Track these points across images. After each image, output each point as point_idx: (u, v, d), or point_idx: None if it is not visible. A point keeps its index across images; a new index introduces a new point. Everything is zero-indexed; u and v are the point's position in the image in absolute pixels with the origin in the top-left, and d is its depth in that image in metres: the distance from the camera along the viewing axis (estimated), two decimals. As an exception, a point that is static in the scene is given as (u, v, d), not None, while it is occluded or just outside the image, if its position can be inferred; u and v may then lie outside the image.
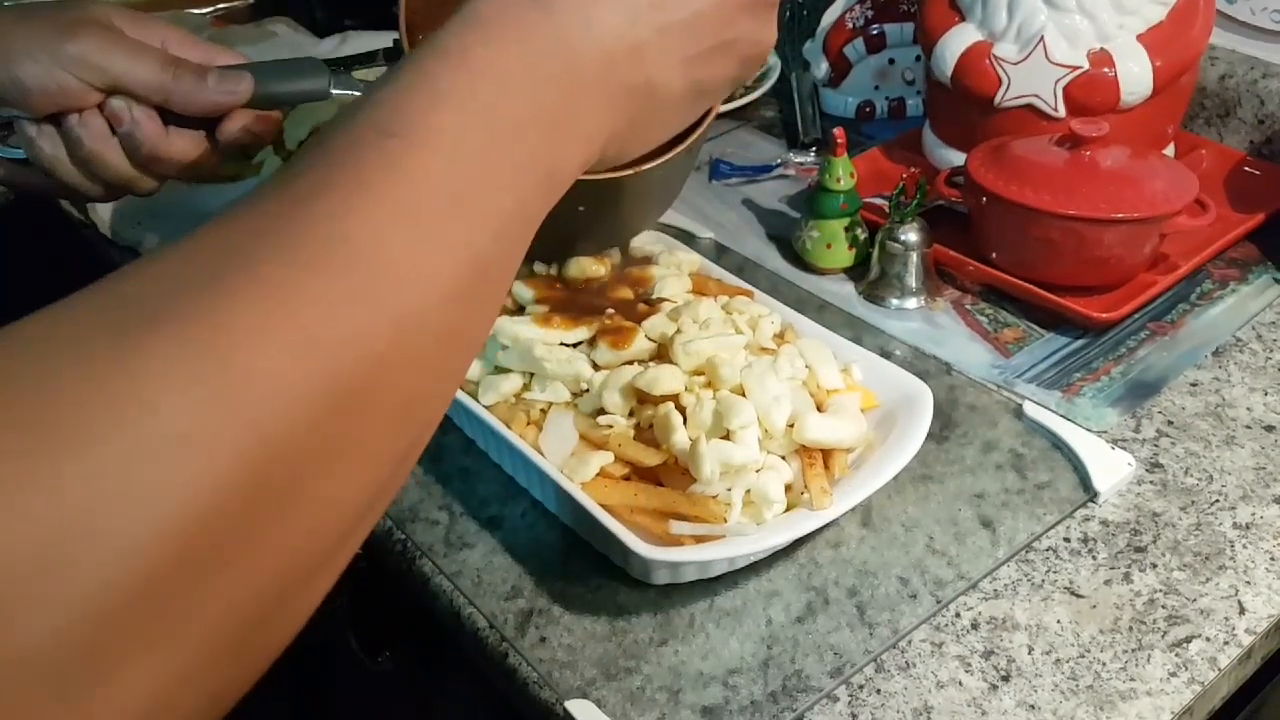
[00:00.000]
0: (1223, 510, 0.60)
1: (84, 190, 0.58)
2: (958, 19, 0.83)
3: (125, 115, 0.55)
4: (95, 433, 0.21)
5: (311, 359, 0.25)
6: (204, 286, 0.24)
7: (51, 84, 0.53)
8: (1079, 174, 0.72)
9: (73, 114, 0.55)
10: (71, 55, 0.53)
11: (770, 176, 0.94)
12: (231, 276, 0.25)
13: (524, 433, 0.60)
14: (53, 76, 0.53)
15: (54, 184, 0.58)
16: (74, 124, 0.55)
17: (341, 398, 0.25)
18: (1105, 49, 0.78)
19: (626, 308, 0.65)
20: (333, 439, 0.25)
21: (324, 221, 0.27)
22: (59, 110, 0.55)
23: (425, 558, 0.60)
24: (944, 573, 0.57)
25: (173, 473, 0.21)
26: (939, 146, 0.88)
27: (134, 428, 0.21)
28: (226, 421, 0.22)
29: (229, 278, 0.25)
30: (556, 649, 0.54)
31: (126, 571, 0.20)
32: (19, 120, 0.56)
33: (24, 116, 0.55)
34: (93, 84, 0.54)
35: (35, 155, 0.57)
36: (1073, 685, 0.52)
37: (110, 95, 0.55)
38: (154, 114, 0.56)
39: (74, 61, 0.53)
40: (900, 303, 0.77)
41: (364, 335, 0.26)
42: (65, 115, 0.55)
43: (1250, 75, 0.87)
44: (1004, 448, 0.65)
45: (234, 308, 0.24)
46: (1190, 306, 0.76)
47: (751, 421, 0.56)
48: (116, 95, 0.55)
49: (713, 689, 0.52)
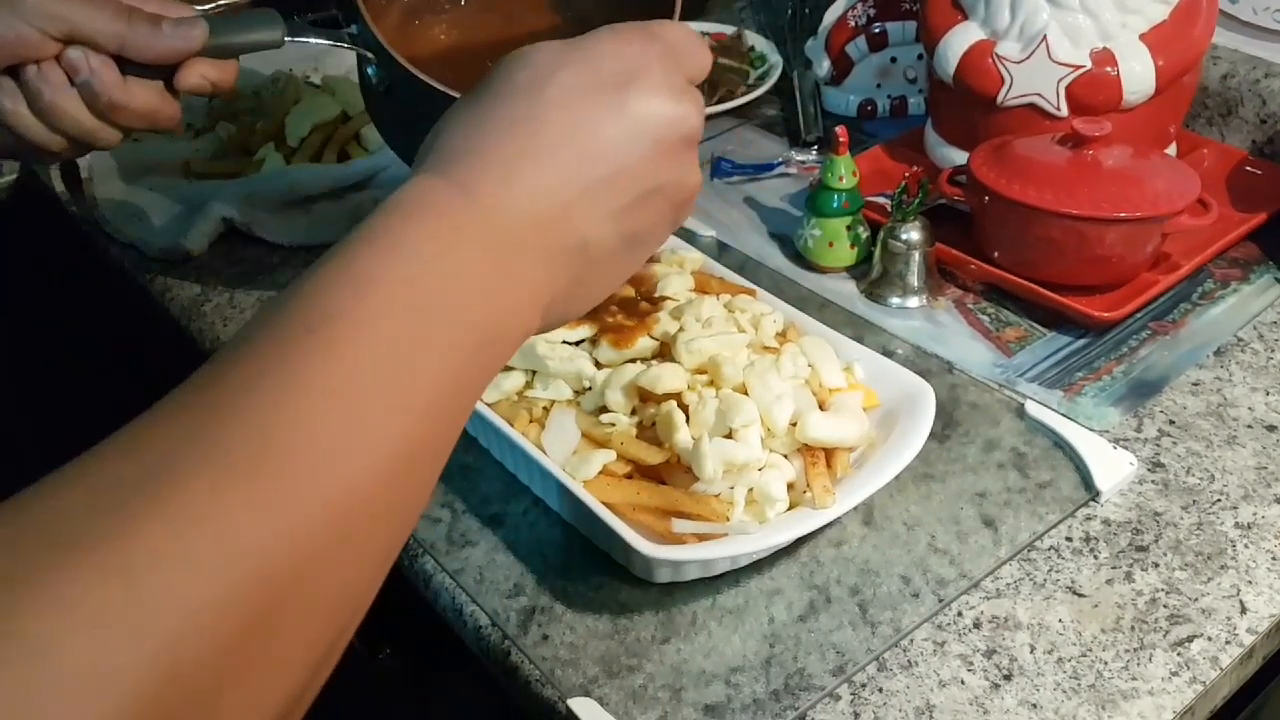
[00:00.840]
0: (1224, 510, 0.60)
1: (46, 144, 0.58)
2: (960, 18, 0.83)
3: (83, 64, 0.55)
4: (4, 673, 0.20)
5: (234, 571, 0.24)
6: (113, 508, 0.23)
7: (10, 33, 0.54)
8: (1081, 173, 0.72)
9: (30, 65, 0.55)
10: (29, 5, 0.54)
11: (772, 175, 0.95)
12: (141, 497, 0.24)
13: (526, 431, 0.60)
14: (10, 26, 0.53)
15: (15, 140, 0.58)
16: (32, 75, 0.55)
17: (268, 600, 0.24)
18: (1108, 48, 0.78)
19: (629, 306, 0.65)
20: (256, 646, 0.24)
21: (245, 421, 0.26)
22: (17, 62, 0.55)
23: (427, 555, 0.60)
24: (946, 572, 0.57)
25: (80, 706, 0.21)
26: (941, 145, 0.88)
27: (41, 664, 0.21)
28: (133, 654, 0.22)
29: (139, 498, 0.24)
30: (559, 647, 0.54)
31: None
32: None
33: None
34: (50, 33, 0.54)
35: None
36: (1074, 684, 0.52)
37: (68, 46, 0.55)
38: (111, 63, 0.56)
39: (31, 11, 0.54)
40: (902, 301, 0.77)
41: (292, 534, 0.25)
42: (24, 68, 0.55)
43: (1252, 75, 0.87)
44: (1006, 447, 0.65)
45: (144, 530, 0.23)
46: (1192, 306, 0.76)
47: (754, 420, 0.56)
48: (74, 46, 0.55)
49: (715, 687, 0.52)
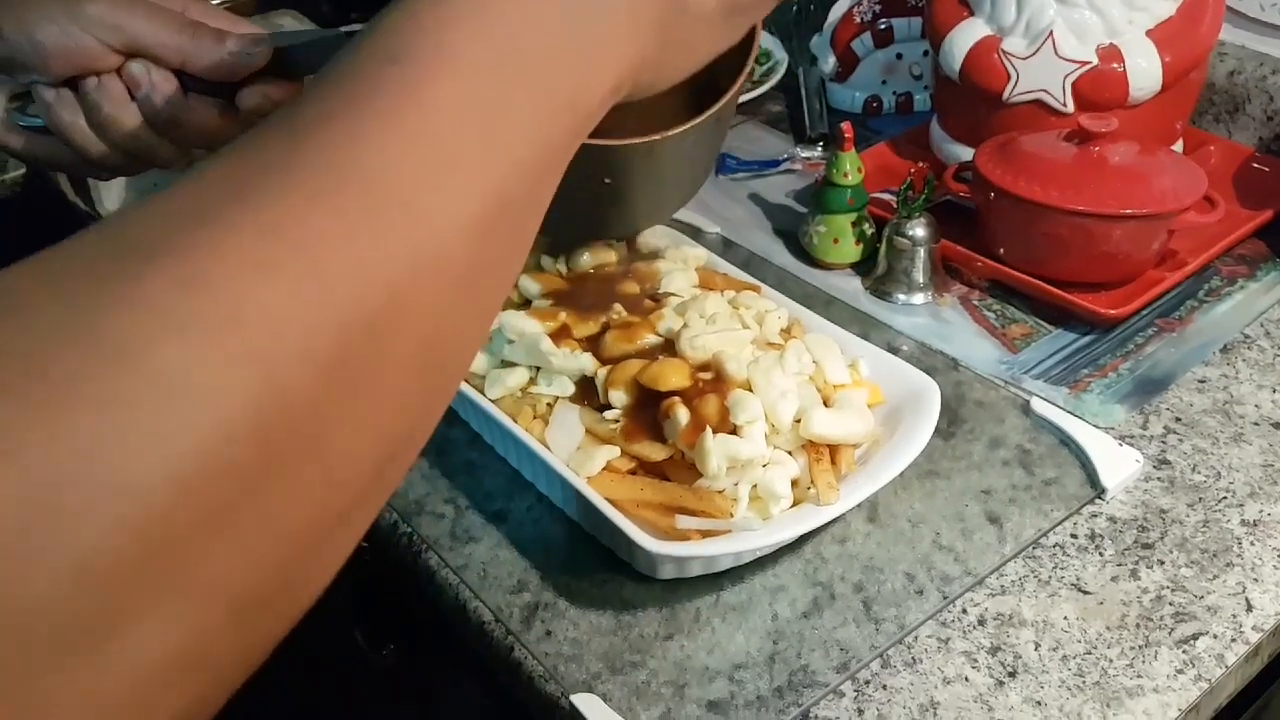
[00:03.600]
0: (1230, 507, 0.60)
1: (103, 160, 0.57)
2: (966, 14, 0.83)
3: (144, 78, 0.54)
4: (85, 374, 0.20)
5: (320, 295, 0.23)
6: (201, 221, 0.23)
7: (70, 44, 0.52)
8: (1087, 170, 0.72)
9: (90, 78, 0.54)
10: (90, 15, 0.52)
11: (777, 171, 0.94)
12: (229, 209, 0.23)
13: (530, 427, 0.60)
14: (71, 37, 0.52)
15: (73, 154, 0.57)
16: (92, 88, 0.54)
17: (357, 338, 0.23)
18: (1114, 44, 0.78)
19: (633, 302, 0.65)
20: (348, 383, 0.24)
21: (330, 150, 0.25)
22: (77, 73, 0.54)
23: (431, 551, 0.60)
24: (951, 569, 0.57)
25: (170, 417, 0.20)
26: (947, 141, 0.88)
27: (126, 369, 0.20)
28: (228, 363, 0.21)
29: (227, 210, 0.23)
30: (562, 643, 0.54)
31: (129, 521, 0.19)
32: (37, 86, 0.55)
33: (42, 81, 0.54)
34: (111, 45, 0.53)
35: (54, 122, 0.56)
36: (1079, 682, 0.51)
37: (129, 59, 0.54)
38: (173, 78, 0.55)
39: (93, 22, 0.52)
40: (907, 298, 0.77)
41: (379, 270, 0.24)
42: (83, 80, 0.54)
43: (1259, 71, 0.86)
44: (1011, 444, 0.65)
45: (232, 241, 0.22)
46: (1198, 303, 0.76)
47: (758, 416, 0.56)
48: (135, 59, 0.54)
49: (718, 684, 0.52)
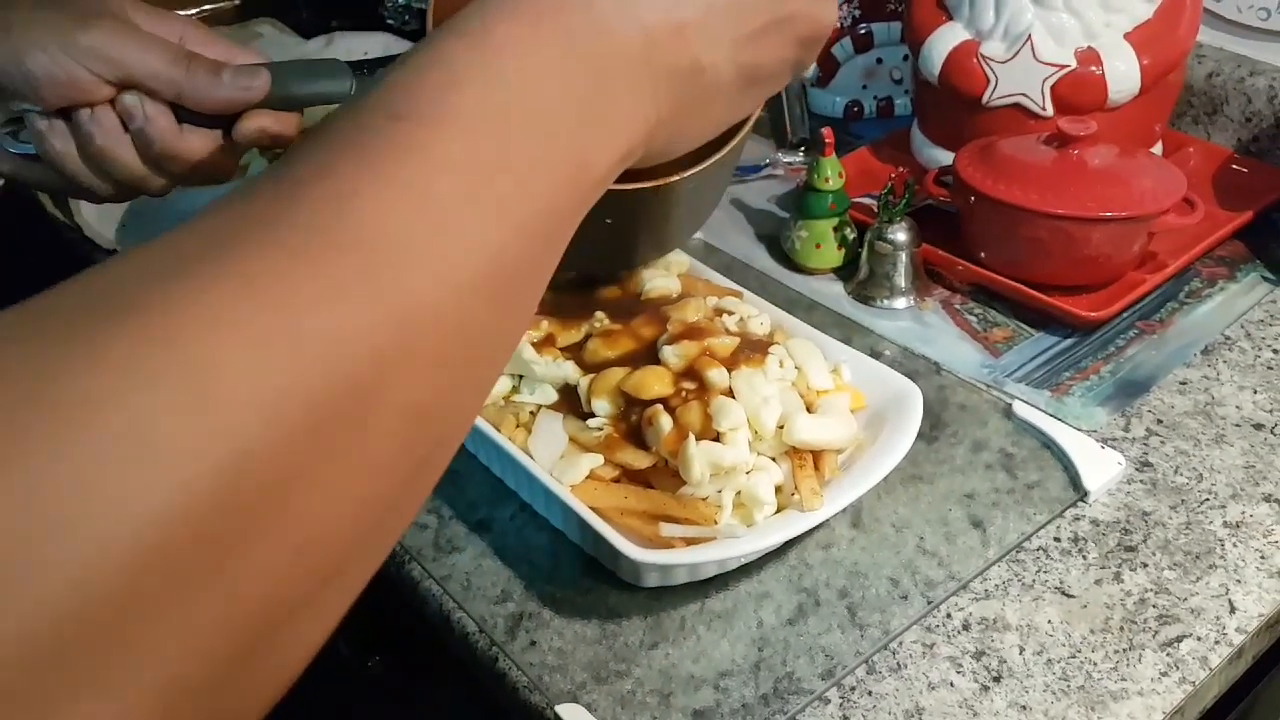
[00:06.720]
0: (1213, 509, 0.60)
1: (93, 188, 0.56)
2: (945, 18, 0.83)
3: (138, 111, 0.53)
4: (40, 431, 0.19)
5: (294, 358, 0.22)
6: (177, 275, 0.22)
7: (62, 75, 0.51)
8: (1067, 173, 0.72)
9: (84, 109, 0.53)
10: (83, 46, 0.51)
11: (759, 176, 0.94)
12: (207, 265, 0.22)
13: (513, 435, 0.60)
14: (63, 68, 0.51)
15: (63, 181, 0.56)
16: (85, 119, 0.53)
17: (333, 405, 0.22)
18: (1093, 47, 0.78)
19: (615, 308, 0.65)
20: (322, 451, 0.22)
21: (322, 206, 0.24)
22: (70, 104, 0.53)
23: (414, 561, 0.60)
24: (935, 573, 0.57)
25: (124, 480, 0.19)
26: (927, 146, 0.88)
27: (82, 427, 0.19)
28: (187, 425, 0.20)
29: (206, 266, 0.22)
30: (546, 653, 0.54)
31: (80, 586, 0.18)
32: (30, 114, 0.54)
33: (35, 110, 0.54)
34: (104, 76, 0.52)
35: (45, 151, 0.55)
36: (1064, 686, 0.51)
37: (123, 90, 0.53)
38: (167, 110, 0.54)
39: (85, 53, 0.51)
40: (889, 302, 0.77)
41: (362, 335, 0.23)
42: (77, 110, 0.53)
43: (1237, 73, 0.87)
44: (994, 447, 0.65)
45: (206, 298, 0.22)
46: (1179, 305, 0.76)
47: (741, 423, 0.56)
48: (129, 91, 0.53)
49: (704, 692, 0.52)
